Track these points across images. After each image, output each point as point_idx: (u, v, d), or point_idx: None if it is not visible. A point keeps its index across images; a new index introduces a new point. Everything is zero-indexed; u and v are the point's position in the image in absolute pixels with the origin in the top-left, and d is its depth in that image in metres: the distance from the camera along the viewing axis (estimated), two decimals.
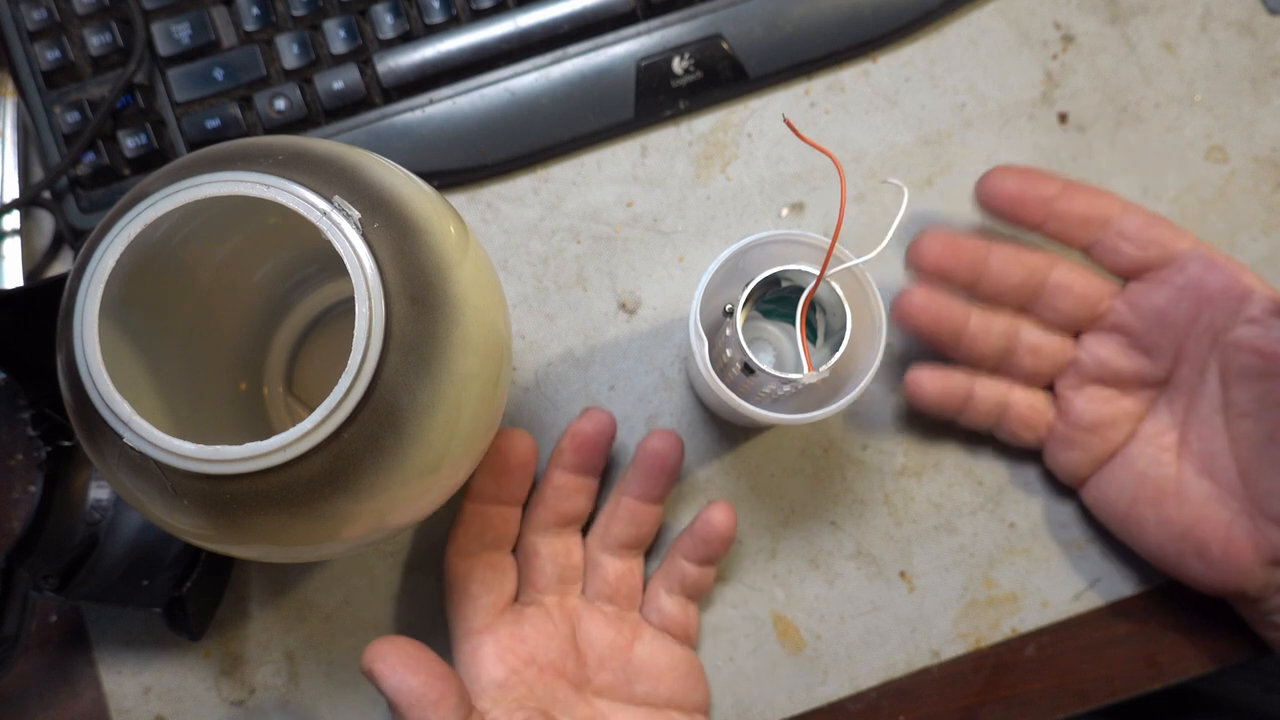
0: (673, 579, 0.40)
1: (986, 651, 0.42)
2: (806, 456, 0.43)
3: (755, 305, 0.38)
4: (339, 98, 0.42)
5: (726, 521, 0.39)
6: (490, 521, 0.39)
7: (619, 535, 0.39)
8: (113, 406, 0.26)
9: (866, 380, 0.34)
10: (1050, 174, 0.39)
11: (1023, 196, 0.39)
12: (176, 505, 0.27)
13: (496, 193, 0.44)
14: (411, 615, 0.42)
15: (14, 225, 0.43)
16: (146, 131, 0.42)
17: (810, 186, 0.44)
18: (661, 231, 0.44)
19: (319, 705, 0.41)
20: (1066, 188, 0.39)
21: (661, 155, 0.44)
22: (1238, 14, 0.45)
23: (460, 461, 0.31)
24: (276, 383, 0.41)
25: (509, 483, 0.39)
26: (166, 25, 0.42)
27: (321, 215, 0.27)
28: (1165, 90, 0.45)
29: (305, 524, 0.28)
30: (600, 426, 0.39)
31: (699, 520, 0.39)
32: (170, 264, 0.32)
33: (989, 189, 0.39)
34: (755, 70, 0.44)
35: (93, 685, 0.41)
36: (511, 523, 0.39)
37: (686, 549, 0.39)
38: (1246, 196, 0.44)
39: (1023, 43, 0.45)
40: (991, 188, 0.39)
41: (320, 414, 0.26)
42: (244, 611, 0.42)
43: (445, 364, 0.28)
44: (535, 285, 0.43)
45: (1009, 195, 0.39)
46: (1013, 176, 0.39)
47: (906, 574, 0.42)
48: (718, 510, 0.39)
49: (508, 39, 0.43)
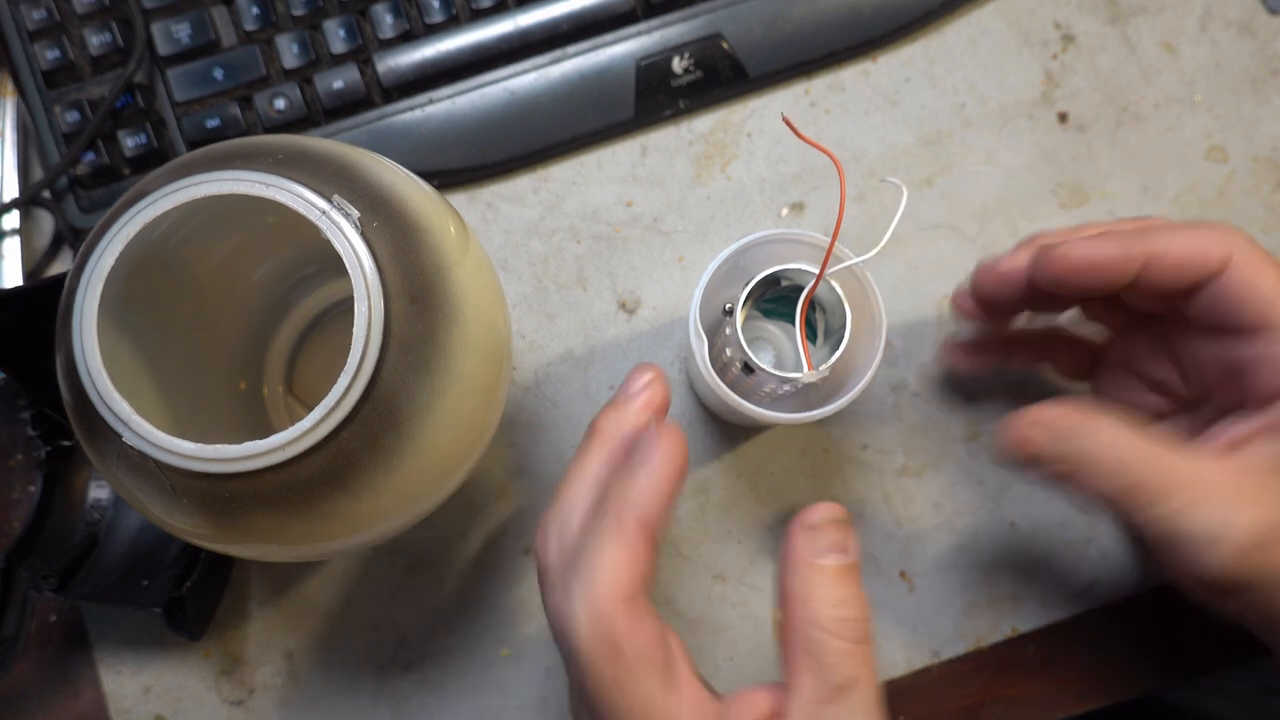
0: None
1: (986, 651, 0.42)
2: (806, 456, 0.43)
3: (755, 304, 0.38)
4: (339, 97, 0.42)
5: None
6: (655, 560, 0.30)
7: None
8: (112, 406, 0.26)
9: (866, 380, 0.34)
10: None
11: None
12: (176, 505, 0.27)
13: (496, 193, 0.44)
14: (412, 615, 0.42)
15: (14, 225, 0.43)
16: (146, 131, 0.42)
17: (810, 186, 0.44)
18: (661, 231, 0.44)
19: (319, 705, 0.41)
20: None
21: (661, 155, 0.44)
22: (1238, 14, 0.45)
23: (460, 461, 0.31)
24: (276, 382, 0.41)
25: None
26: (166, 25, 0.42)
27: (321, 214, 0.27)
28: (1165, 90, 0.45)
29: (305, 524, 0.28)
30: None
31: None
32: (170, 263, 0.32)
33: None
34: (755, 70, 0.44)
35: (93, 685, 0.41)
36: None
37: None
38: (1246, 196, 0.44)
39: (1023, 43, 0.45)
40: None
41: (319, 413, 0.26)
42: (244, 611, 0.41)
43: (445, 364, 0.28)
44: (535, 285, 0.43)
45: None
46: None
47: (906, 574, 0.42)
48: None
49: (507, 39, 0.43)
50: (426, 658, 0.41)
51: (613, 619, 0.28)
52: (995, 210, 0.44)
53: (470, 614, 0.42)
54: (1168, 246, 0.33)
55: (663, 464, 0.29)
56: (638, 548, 0.28)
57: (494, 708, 0.41)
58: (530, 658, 0.41)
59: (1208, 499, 0.31)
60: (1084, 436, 0.33)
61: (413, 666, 0.41)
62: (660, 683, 0.28)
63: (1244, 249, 0.33)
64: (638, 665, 0.28)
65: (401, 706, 0.41)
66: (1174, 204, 0.44)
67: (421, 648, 0.41)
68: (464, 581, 0.42)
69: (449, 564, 0.42)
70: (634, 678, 0.28)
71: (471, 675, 0.41)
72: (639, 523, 0.29)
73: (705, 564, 0.42)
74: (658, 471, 0.29)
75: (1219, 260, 0.33)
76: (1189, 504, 0.31)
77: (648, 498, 0.29)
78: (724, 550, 0.42)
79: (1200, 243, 0.33)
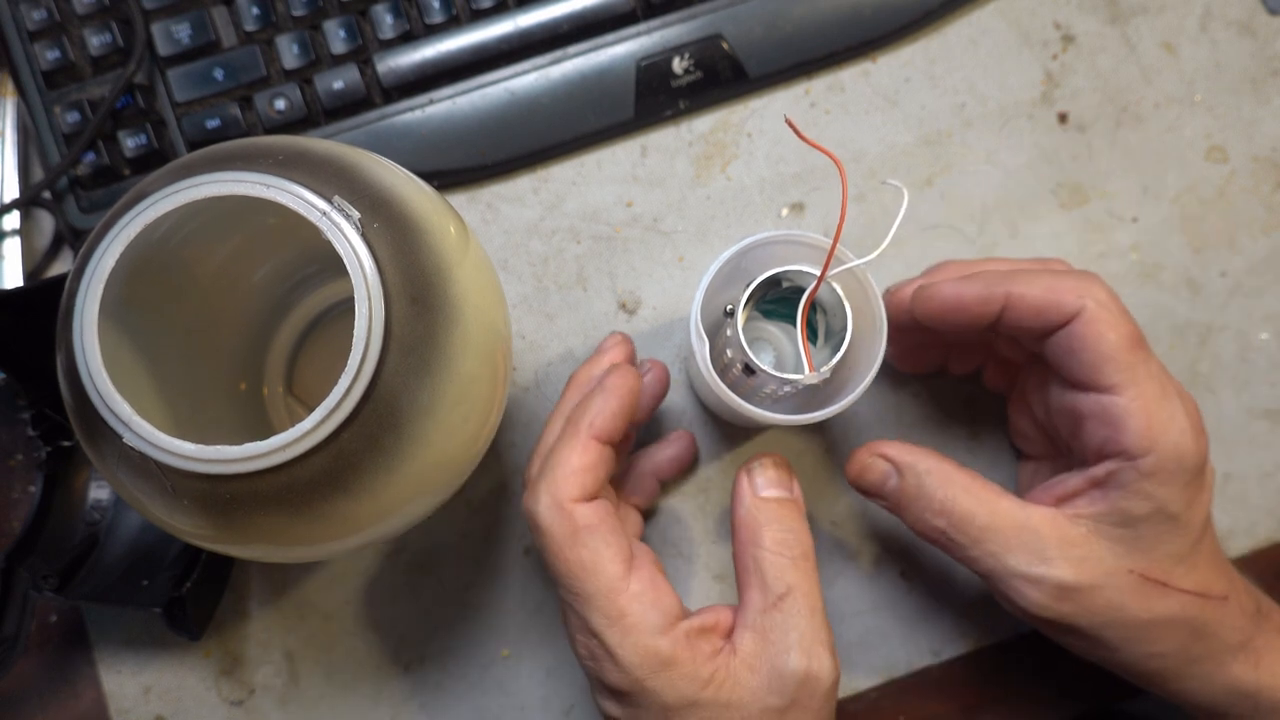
0: (636, 496, 0.41)
1: (986, 651, 0.42)
2: (806, 457, 0.43)
3: (756, 306, 0.38)
4: (339, 98, 0.42)
5: (692, 445, 0.42)
6: (610, 465, 0.35)
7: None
8: (112, 406, 0.26)
9: (867, 380, 0.34)
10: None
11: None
12: (176, 505, 0.27)
13: (496, 193, 0.44)
14: (412, 615, 0.42)
15: (14, 225, 0.43)
16: (146, 131, 0.42)
17: (810, 186, 0.44)
18: (661, 231, 0.44)
19: (319, 705, 0.41)
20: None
21: (661, 155, 0.44)
22: (1238, 14, 0.45)
23: (460, 462, 0.31)
24: (276, 383, 0.41)
25: (631, 424, 0.37)
26: (166, 25, 0.42)
27: (321, 215, 0.27)
28: (1165, 90, 0.45)
29: (305, 524, 0.28)
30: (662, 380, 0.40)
31: (676, 444, 0.41)
32: (170, 264, 0.32)
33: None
34: (755, 70, 0.44)
35: (93, 685, 0.41)
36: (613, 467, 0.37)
37: (659, 468, 0.41)
38: (1246, 196, 0.44)
39: (1023, 43, 0.45)
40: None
41: (320, 414, 0.26)
42: (244, 611, 0.42)
43: (445, 364, 0.28)
44: (535, 285, 0.43)
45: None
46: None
47: (906, 574, 0.42)
48: (688, 438, 0.41)
49: (508, 39, 0.43)
50: (426, 658, 0.41)
51: (567, 502, 0.33)
52: (995, 210, 0.44)
53: (470, 614, 0.42)
54: (1026, 290, 0.34)
55: (614, 387, 0.35)
56: (590, 449, 0.34)
57: (494, 708, 0.41)
58: (530, 658, 0.41)
59: (1029, 543, 0.33)
60: (918, 474, 0.35)
61: (413, 666, 0.41)
62: (614, 558, 0.33)
63: (1099, 300, 0.33)
64: (590, 536, 0.33)
65: (401, 706, 0.41)
66: (1174, 204, 0.44)
67: (421, 648, 0.41)
68: (464, 581, 0.42)
69: (449, 564, 0.42)
70: (587, 544, 0.33)
71: (471, 675, 0.41)
72: (591, 430, 0.34)
73: (705, 564, 0.42)
74: (608, 391, 0.35)
75: (1073, 309, 0.33)
76: (1011, 546, 0.33)
77: (597, 410, 0.34)
78: (724, 550, 0.42)
79: (1058, 289, 0.34)
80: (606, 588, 0.32)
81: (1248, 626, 0.34)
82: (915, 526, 0.35)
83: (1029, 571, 0.33)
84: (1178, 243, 0.44)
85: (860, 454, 0.37)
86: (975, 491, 0.34)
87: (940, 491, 0.34)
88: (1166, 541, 0.33)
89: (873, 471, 0.36)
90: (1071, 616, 0.33)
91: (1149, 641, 0.33)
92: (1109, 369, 0.33)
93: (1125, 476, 0.33)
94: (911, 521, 0.35)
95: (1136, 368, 0.33)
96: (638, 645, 0.32)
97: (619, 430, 0.35)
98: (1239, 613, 0.34)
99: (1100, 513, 0.33)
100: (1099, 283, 0.34)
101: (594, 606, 0.32)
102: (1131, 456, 0.32)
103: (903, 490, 0.35)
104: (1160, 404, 0.32)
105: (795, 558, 0.34)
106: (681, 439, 0.41)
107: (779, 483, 0.36)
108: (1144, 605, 0.33)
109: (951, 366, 0.42)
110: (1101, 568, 0.33)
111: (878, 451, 0.36)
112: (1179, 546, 0.33)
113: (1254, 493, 0.43)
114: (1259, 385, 0.43)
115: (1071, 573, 0.33)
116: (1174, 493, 0.32)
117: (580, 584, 0.33)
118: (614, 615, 0.32)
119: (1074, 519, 0.34)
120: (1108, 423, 0.33)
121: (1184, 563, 0.33)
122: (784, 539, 0.34)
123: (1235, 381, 0.43)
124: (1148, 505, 0.32)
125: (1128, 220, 0.44)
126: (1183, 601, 0.33)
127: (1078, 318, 0.33)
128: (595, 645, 0.33)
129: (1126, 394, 0.33)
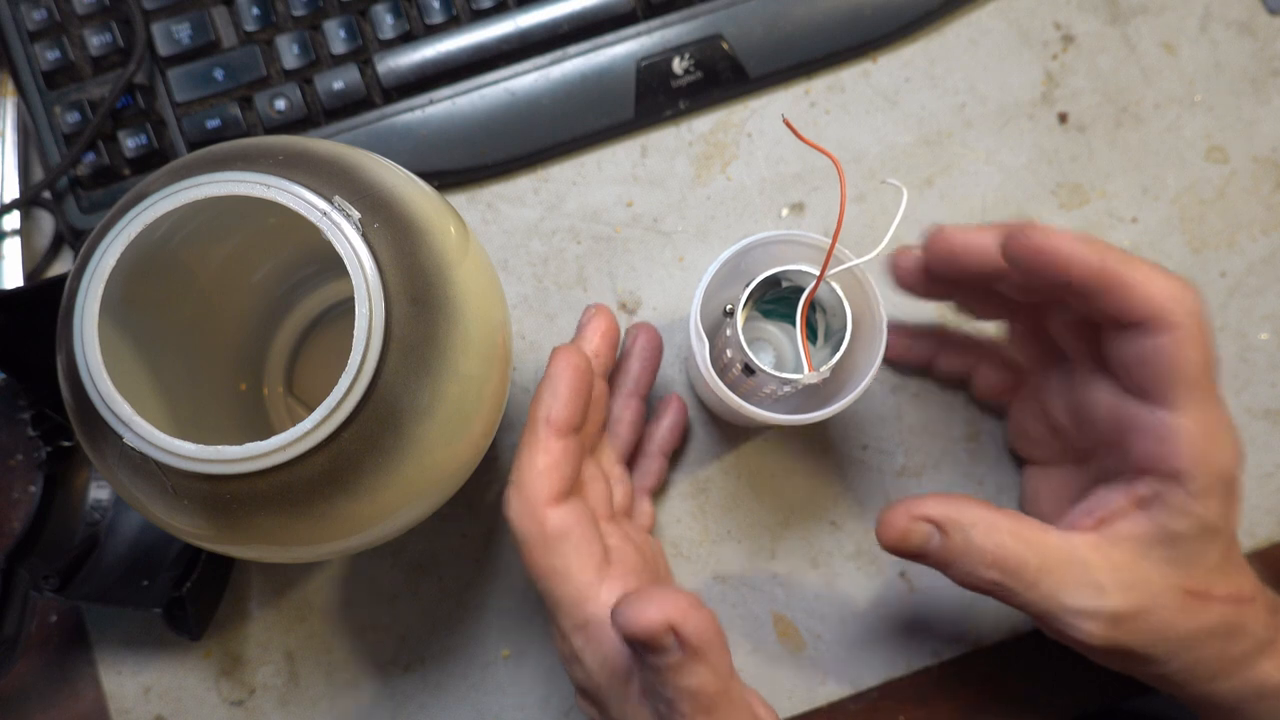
0: (648, 480, 0.41)
1: (986, 651, 0.42)
2: (806, 456, 0.43)
3: (755, 305, 0.38)
4: (339, 98, 0.42)
5: (683, 407, 0.42)
6: (577, 456, 0.35)
7: (624, 442, 0.40)
8: (113, 407, 0.26)
9: (867, 380, 0.34)
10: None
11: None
12: (176, 505, 0.27)
13: (496, 193, 0.44)
14: (412, 615, 0.42)
15: (14, 225, 0.43)
16: (146, 131, 0.42)
17: (810, 187, 0.44)
18: (661, 231, 0.44)
19: (319, 705, 0.41)
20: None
21: (661, 155, 0.44)
22: (1238, 14, 0.45)
23: (460, 462, 0.31)
24: (276, 383, 0.41)
25: (594, 409, 0.37)
26: (166, 25, 0.42)
27: (321, 215, 0.27)
28: (1165, 90, 0.45)
29: (305, 524, 0.28)
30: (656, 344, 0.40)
31: (670, 411, 0.41)
32: (170, 264, 0.32)
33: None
34: (755, 70, 0.44)
35: (93, 685, 0.41)
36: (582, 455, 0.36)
37: (664, 442, 0.41)
38: (1246, 196, 0.44)
39: (1023, 43, 0.45)
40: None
41: (320, 414, 0.26)
42: (244, 611, 0.42)
43: (445, 364, 0.28)
44: (535, 285, 0.43)
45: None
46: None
47: (906, 574, 0.42)
48: (676, 400, 0.41)
49: (508, 39, 0.43)
50: (426, 658, 0.41)
51: (539, 507, 0.33)
52: (995, 210, 0.44)
53: (470, 614, 0.42)
54: (1131, 274, 0.31)
55: (557, 373, 0.34)
56: (551, 447, 0.33)
57: (494, 708, 0.41)
58: (530, 658, 0.41)
59: (1081, 578, 0.32)
60: (964, 530, 0.33)
61: (413, 666, 0.41)
62: (585, 565, 0.33)
63: (1196, 318, 0.31)
64: (561, 543, 0.33)
65: (401, 706, 0.41)
66: (1174, 204, 0.44)
67: (421, 648, 0.41)
68: (464, 581, 0.42)
69: (449, 564, 0.42)
70: (558, 550, 0.33)
71: (471, 675, 0.41)
72: (548, 425, 0.33)
73: (705, 564, 0.42)
74: (553, 378, 0.34)
75: (1168, 318, 0.31)
76: (1066, 583, 0.32)
77: (547, 402, 0.34)
78: (724, 550, 0.42)
79: (1162, 291, 0.31)
80: (576, 595, 0.33)
81: (1272, 623, 0.34)
82: (965, 581, 0.34)
83: (1085, 606, 0.32)
84: (1177, 243, 0.44)
85: (895, 518, 0.34)
86: (1022, 535, 0.33)
87: (989, 542, 0.33)
88: (1208, 554, 0.33)
89: (915, 537, 0.34)
90: (1125, 641, 0.33)
91: (1192, 650, 0.33)
92: (1181, 389, 0.32)
93: (1173, 498, 0.32)
94: (961, 577, 0.34)
95: (1208, 392, 0.32)
96: (597, 654, 0.32)
97: (577, 414, 0.34)
98: (1265, 611, 0.34)
99: (1145, 533, 0.33)
100: (1197, 296, 0.32)
101: (563, 612, 0.33)
102: (1181, 480, 0.32)
103: (948, 549, 0.33)
104: (1218, 431, 0.32)
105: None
106: (670, 402, 0.41)
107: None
108: (1190, 619, 0.33)
109: (943, 363, 0.42)
110: (1150, 589, 0.32)
111: (916, 514, 0.34)
112: (1216, 556, 0.33)
113: (1254, 493, 0.43)
114: (1259, 385, 0.43)
115: (1124, 600, 0.32)
116: (1215, 506, 0.32)
117: (550, 589, 0.33)
118: (580, 622, 0.33)
119: (1117, 541, 0.33)
120: (1163, 440, 0.32)
121: (1219, 570, 0.33)
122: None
123: (1235, 382, 0.43)
124: (1192, 523, 0.32)
125: (1127, 220, 0.44)
126: (1222, 609, 0.33)
127: (1170, 330, 0.31)
128: (566, 648, 0.33)
129: (1190, 416, 0.32)
